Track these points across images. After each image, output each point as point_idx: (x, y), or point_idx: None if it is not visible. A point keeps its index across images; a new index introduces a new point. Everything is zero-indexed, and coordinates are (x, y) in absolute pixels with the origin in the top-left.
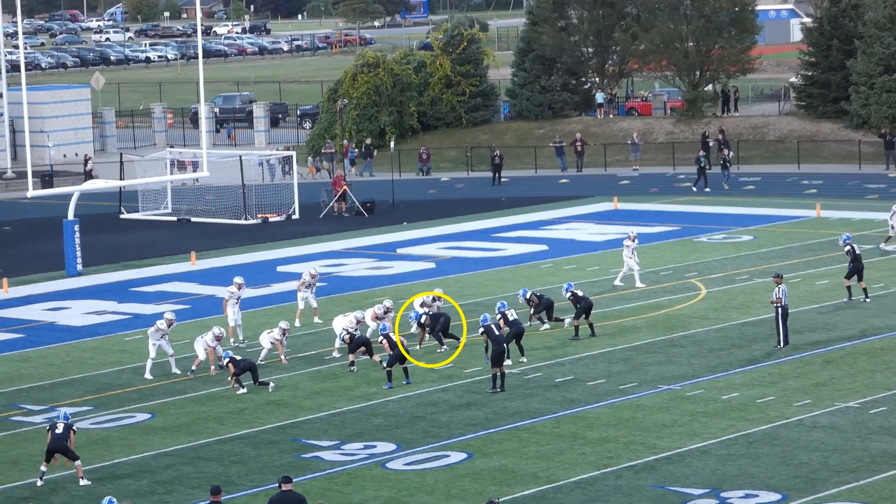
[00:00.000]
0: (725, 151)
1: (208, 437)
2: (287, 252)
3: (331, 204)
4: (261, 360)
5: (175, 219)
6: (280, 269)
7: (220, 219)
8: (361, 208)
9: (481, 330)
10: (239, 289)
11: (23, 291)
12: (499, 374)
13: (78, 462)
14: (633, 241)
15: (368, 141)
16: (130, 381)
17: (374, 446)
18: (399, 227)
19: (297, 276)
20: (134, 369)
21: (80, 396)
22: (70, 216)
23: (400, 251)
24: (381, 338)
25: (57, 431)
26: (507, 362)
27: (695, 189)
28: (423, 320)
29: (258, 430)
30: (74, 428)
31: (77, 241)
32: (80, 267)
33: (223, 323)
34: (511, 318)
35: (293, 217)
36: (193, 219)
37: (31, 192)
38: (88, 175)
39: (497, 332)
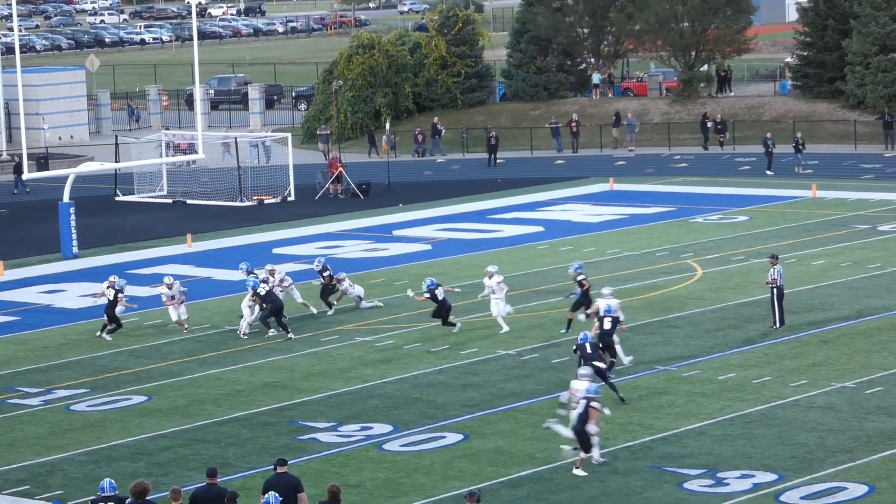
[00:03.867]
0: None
1: (205, 419)
2: (283, 234)
3: (326, 186)
4: (243, 333)
5: (171, 201)
6: (276, 250)
7: (215, 201)
8: (357, 190)
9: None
10: (169, 288)
11: (19, 274)
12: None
13: None
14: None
15: (436, 120)
16: (126, 363)
17: (371, 428)
18: (395, 209)
19: (294, 258)
20: (130, 351)
21: (77, 379)
22: (65, 199)
23: (396, 233)
24: (426, 294)
25: None
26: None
27: (770, 172)
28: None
29: (255, 412)
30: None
31: (73, 223)
32: (75, 249)
33: (219, 305)
34: (440, 298)
35: (289, 199)
36: (189, 201)
37: (26, 175)
38: (18, 169)
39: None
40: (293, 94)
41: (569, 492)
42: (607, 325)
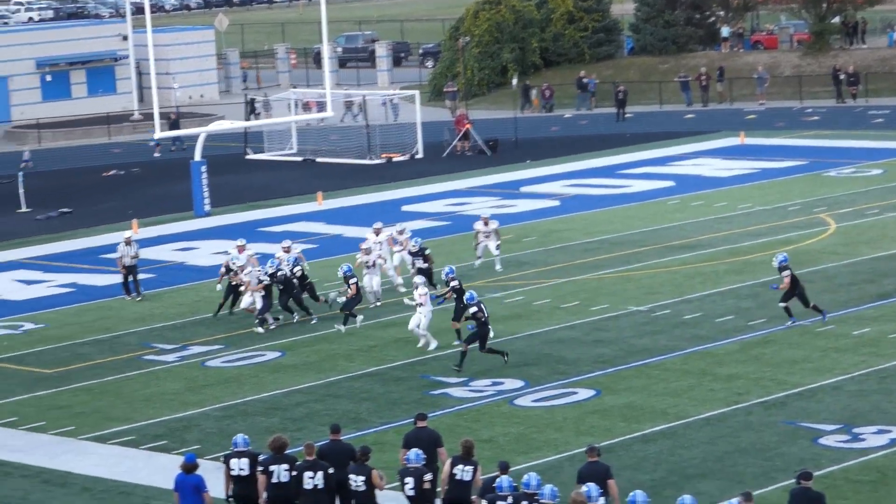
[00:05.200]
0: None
1: (338, 374)
2: (411, 191)
3: (454, 143)
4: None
5: (300, 159)
6: (404, 208)
7: (344, 159)
8: (484, 147)
9: (473, 310)
10: (287, 251)
11: (152, 232)
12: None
13: None
14: (487, 224)
15: (583, 73)
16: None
17: (502, 383)
18: (522, 165)
19: (422, 216)
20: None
21: (211, 335)
22: (197, 157)
23: (524, 189)
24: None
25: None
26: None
27: None
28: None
29: (387, 367)
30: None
31: (204, 181)
32: (207, 207)
33: (350, 262)
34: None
35: (416, 156)
36: (318, 159)
37: (157, 134)
38: (175, 126)
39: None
40: (420, 51)
41: (701, 447)
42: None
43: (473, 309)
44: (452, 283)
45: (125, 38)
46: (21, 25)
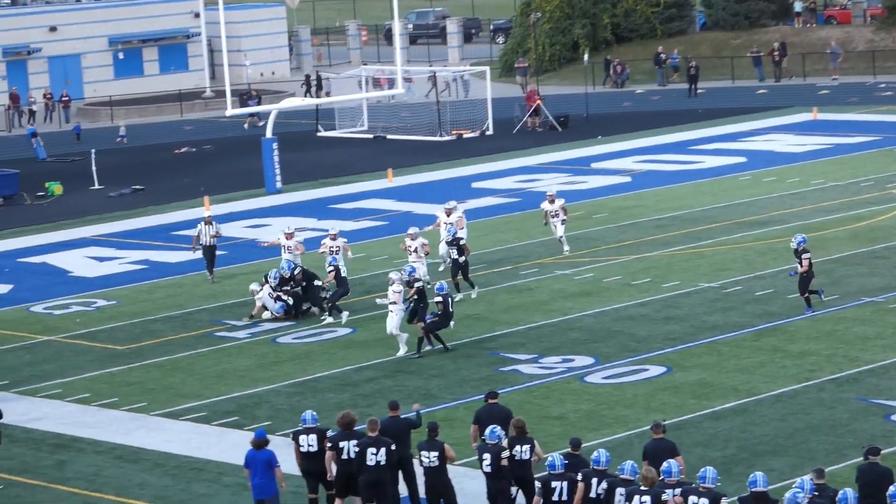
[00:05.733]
0: None
1: (409, 350)
2: (481, 168)
3: (524, 119)
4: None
5: (371, 136)
6: (474, 185)
7: (414, 136)
8: (555, 122)
9: (438, 299)
10: (334, 239)
11: (224, 209)
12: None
13: None
14: (553, 202)
15: (660, 49)
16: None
17: (572, 360)
18: (593, 141)
19: (492, 193)
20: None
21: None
22: (268, 134)
23: (594, 165)
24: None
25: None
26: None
27: None
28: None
29: (456, 344)
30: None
31: (276, 158)
32: (279, 184)
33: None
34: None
35: (487, 133)
36: (389, 136)
37: (229, 111)
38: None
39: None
40: (491, 27)
41: (773, 424)
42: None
43: (438, 299)
44: (417, 284)
45: (197, 15)
46: (94, 3)
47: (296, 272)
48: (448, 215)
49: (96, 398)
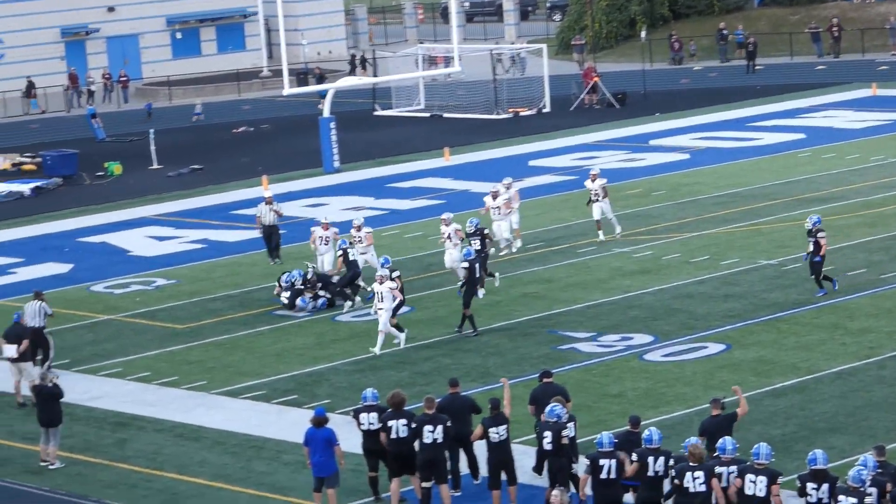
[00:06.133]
0: None
1: (467, 328)
2: (538, 146)
3: (581, 96)
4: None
5: (428, 115)
6: (531, 163)
7: (471, 114)
8: (612, 99)
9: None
10: (358, 230)
11: (283, 188)
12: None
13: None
14: (594, 180)
15: (722, 25)
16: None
17: (631, 338)
18: (651, 118)
19: (549, 171)
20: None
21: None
22: (325, 113)
23: (653, 142)
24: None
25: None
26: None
27: None
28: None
29: (514, 322)
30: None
31: (333, 138)
32: (336, 163)
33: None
34: (350, 259)
35: (544, 110)
36: (445, 114)
37: (286, 90)
38: (321, 80)
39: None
40: (547, 4)
41: (833, 402)
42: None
43: (464, 265)
44: (463, 265)
45: None
46: None
47: (308, 275)
48: (494, 199)
49: (156, 377)
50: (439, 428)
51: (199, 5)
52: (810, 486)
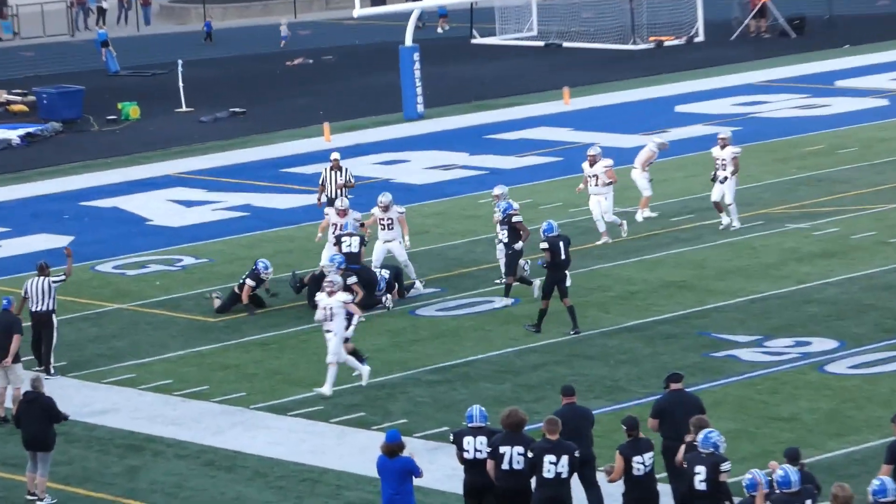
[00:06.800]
0: None
1: (588, 328)
2: (688, 86)
3: (746, 21)
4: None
5: (542, 44)
6: (678, 108)
7: (600, 43)
8: (787, 26)
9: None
10: (385, 210)
11: (348, 139)
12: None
13: None
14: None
15: None
16: (486, 255)
17: (809, 343)
18: (838, 52)
19: (702, 119)
20: (489, 241)
21: (423, 275)
22: (407, 42)
23: (839, 84)
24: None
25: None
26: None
27: None
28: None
29: (653, 321)
30: None
31: (417, 74)
32: (420, 108)
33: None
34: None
35: (696, 39)
36: (565, 44)
37: (357, 11)
38: None
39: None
40: None
41: None
42: None
43: (544, 245)
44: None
45: None
46: None
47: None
48: (591, 165)
49: (180, 385)
50: (564, 459)
51: None
52: None
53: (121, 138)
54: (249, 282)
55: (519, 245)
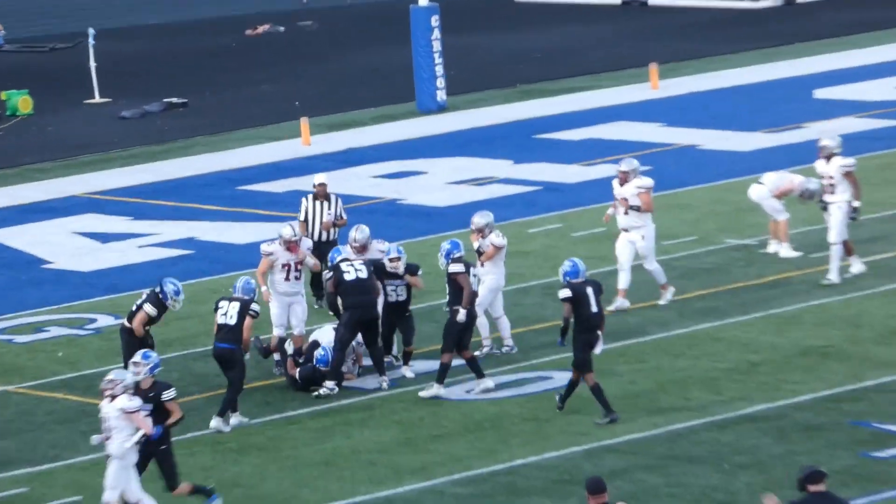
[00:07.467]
0: None
1: (691, 416)
2: (832, 62)
3: None
4: None
5: (618, 1)
6: (818, 93)
7: (700, 1)
8: None
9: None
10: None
11: (337, 143)
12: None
13: None
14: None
15: None
16: (538, 310)
17: None
18: None
19: (852, 108)
20: (542, 288)
21: (437, 339)
22: (422, 0)
23: None
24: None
25: None
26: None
27: None
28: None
29: (785, 405)
30: None
31: (436, 46)
32: (441, 96)
33: (713, 199)
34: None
35: None
36: (651, 1)
37: None
38: None
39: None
40: None
41: None
42: None
43: (566, 293)
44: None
45: None
46: None
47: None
48: (622, 184)
49: None
50: None
51: None
52: None
53: (5, 143)
54: (149, 308)
55: (462, 315)
